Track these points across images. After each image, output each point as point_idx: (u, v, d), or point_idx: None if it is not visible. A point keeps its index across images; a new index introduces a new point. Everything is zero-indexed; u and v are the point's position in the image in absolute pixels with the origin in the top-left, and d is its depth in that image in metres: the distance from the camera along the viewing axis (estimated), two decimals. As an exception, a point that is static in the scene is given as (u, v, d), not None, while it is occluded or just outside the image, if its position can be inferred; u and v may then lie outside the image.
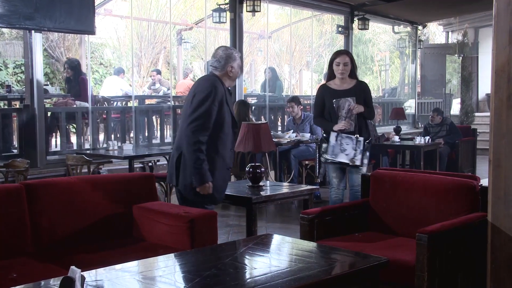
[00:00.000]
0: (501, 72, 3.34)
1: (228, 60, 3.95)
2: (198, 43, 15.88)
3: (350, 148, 5.07)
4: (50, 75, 13.13)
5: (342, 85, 5.17)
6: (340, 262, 2.55)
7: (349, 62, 5.13)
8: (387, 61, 18.82)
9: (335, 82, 5.20)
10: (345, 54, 5.19)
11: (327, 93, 5.19)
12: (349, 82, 5.18)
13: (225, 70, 3.94)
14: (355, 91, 5.15)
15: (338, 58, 5.12)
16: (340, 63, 5.10)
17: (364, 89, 5.25)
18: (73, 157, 6.18)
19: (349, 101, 5.10)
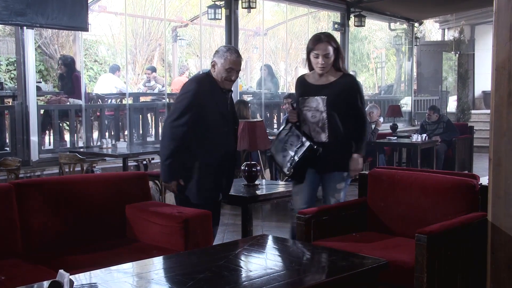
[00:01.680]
0: (501, 69, 3.28)
1: (215, 55, 3.80)
2: (193, 40, 15.79)
3: (291, 150, 3.92)
4: (44, 72, 13.02)
5: (320, 78, 3.94)
6: (338, 264, 2.48)
7: (332, 51, 3.86)
8: (383, 59, 18.77)
9: (313, 75, 3.99)
10: (325, 43, 3.85)
11: (301, 87, 4.06)
12: (331, 75, 3.94)
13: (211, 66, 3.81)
14: (334, 87, 3.88)
15: (316, 48, 3.87)
16: (319, 55, 3.86)
17: (349, 86, 3.93)
18: (66, 155, 6.09)
19: (317, 101, 3.88)
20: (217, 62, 3.74)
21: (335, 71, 3.95)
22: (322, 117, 3.87)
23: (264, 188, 4.50)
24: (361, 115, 3.96)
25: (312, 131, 3.91)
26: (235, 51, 3.80)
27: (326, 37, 3.91)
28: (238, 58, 3.79)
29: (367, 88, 18.41)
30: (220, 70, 3.73)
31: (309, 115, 3.90)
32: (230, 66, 3.73)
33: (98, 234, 3.55)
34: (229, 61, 3.72)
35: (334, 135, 3.87)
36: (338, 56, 3.92)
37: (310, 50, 3.91)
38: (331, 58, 3.87)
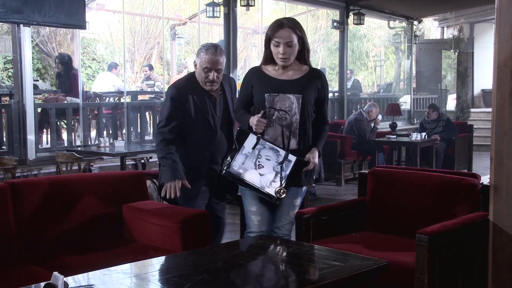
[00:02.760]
0: (503, 67, 3.24)
1: (196, 55, 3.59)
2: (192, 38, 15.75)
3: (269, 167, 3.21)
4: (41, 70, 12.98)
5: (284, 72, 3.33)
6: (337, 265, 2.43)
7: (296, 40, 3.25)
8: (382, 57, 18.73)
9: (274, 68, 3.36)
10: (288, 29, 3.23)
11: (259, 81, 3.35)
12: (296, 69, 3.35)
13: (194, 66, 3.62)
14: (306, 84, 3.32)
15: (277, 36, 3.24)
16: (280, 43, 3.24)
17: (321, 83, 3.38)
18: (63, 154, 6.05)
19: (291, 100, 3.27)
20: (196, 62, 3.55)
21: (300, 64, 3.37)
22: (295, 119, 3.27)
23: (262, 188, 4.45)
24: (326, 117, 3.50)
25: (279, 136, 3.27)
26: (214, 49, 3.49)
27: (290, 22, 3.29)
28: (215, 56, 3.47)
29: (366, 87, 18.39)
30: (199, 71, 3.53)
31: (279, 117, 3.26)
32: (206, 66, 3.47)
33: (94, 234, 3.51)
34: (204, 60, 3.47)
35: (305, 141, 3.33)
36: (304, 47, 3.33)
37: (270, 38, 3.28)
38: (294, 47, 3.25)
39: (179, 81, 3.68)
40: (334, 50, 15.44)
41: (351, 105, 11.62)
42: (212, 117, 3.59)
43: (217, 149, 3.64)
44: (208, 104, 3.58)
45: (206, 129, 3.57)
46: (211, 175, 3.63)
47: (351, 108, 11.54)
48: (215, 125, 3.60)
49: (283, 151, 3.21)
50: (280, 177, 3.18)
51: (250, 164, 3.22)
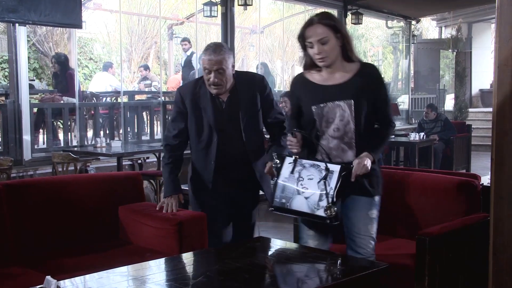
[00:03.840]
0: (504, 67, 3.19)
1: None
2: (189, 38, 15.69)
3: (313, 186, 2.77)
4: (38, 70, 12.92)
5: (331, 76, 2.90)
6: (337, 268, 2.39)
7: (330, 34, 2.81)
8: (380, 57, 18.69)
9: (320, 72, 2.93)
10: (318, 24, 2.82)
11: (305, 91, 2.96)
12: (344, 69, 2.89)
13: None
14: (356, 85, 2.86)
15: (308, 35, 2.84)
16: (313, 43, 2.84)
17: (373, 80, 2.90)
18: (59, 154, 5.99)
19: (342, 108, 2.84)
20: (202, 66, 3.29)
21: (346, 62, 2.90)
22: (350, 128, 2.85)
23: (260, 188, 4.40)
24: (389, 117, 2.98)
25: (334, 150, 2.87)
26: (212, 48, 3.20)
27: (321, 17, 2.86)
28: (212, 56, 3.16)
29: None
30: (203, 73, 3.26)
31: (330, 130, 2.87)
32: (204, 67, 3.21)
33: (90, 236, 3.46)
34: (203, 60, 3.22)
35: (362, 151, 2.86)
36: (344, 41, 2.86)
37: (303, 40, 2.87)
38: (331, 44, 2.81)
39: (186, 83, 3.57)
40: (332, 50, 15.34)
41: (349, 105, 11.55)
42: (215, 122, 3.27)
43: (228, 159, 3.31)
44: (212, 108, 3.27)
45: (209, 135, 3.29)
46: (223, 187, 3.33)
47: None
48: (219, 131, 3.28)
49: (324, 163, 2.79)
50: (326, 193, 2.72)
51: (292, 190, 2.80)
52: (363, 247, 2.84)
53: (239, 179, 3.37)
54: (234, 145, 3.31)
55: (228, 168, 3.33)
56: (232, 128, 3.30)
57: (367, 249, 2.84)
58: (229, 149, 3.31)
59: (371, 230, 2.87)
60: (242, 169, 3.34)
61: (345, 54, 2.88)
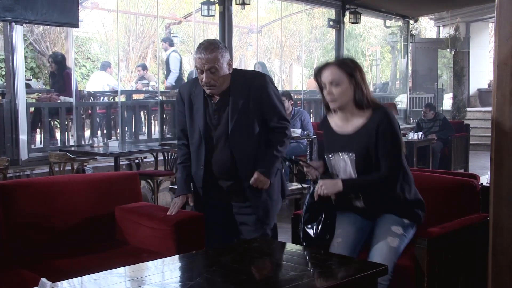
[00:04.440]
0: (503, 66, 3.17)
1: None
2: (187, 37, 15.67)
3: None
4: (35, 69, 12.87)
5: (345, 123, 2.96)
6: (335, 270, 2.37)
7: (342, 77, 2.86)
8: (378, 56, 18.69)
9: (338, 117, 3.01)
10: (332, 66, 2.89)
11: (326, 136, 3.09)
12: (354, 117, 2.93)
13: None
14: (361, 136, 2.89)
15: (322, 77, 2.91)
16: (326, 84, 2.89)
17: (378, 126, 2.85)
18: (56, 154, 5.96)
19: (345, 161, 2.92)
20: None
21: (357, 109, 2.91)
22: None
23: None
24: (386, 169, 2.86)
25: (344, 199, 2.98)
26: (205, 46, 3.00)
27: (338, 60, 2.99)
28: (202, 54, 2.98)
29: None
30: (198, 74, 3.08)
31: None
32: (196, 65, 3.04)
33: (86, 237, 3.43)
34: (195, 60, 3.04)
35: (371, 199, 2.96)
36: (357, 85, 2.87)
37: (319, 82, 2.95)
38: (342, 87, 2.84)
39: (187, 82, 3.50)
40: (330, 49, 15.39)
41: (347, 105, 11.53)
42: (205, 124, 3.12)
43: (217, 167, 3.16)
44: (202, 110, 3.13)
45: (199, 139, 3.16)
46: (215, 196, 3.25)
47: (347, 107, 11.45)
48: (207, 134, 3.13)
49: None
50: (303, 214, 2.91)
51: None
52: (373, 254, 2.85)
53: (230, 190, 3.19)
54: (222, 152, 3.13)
55: (218, 177, 3.17)
56: (221, 132, 3.12)
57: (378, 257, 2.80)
58: (218, 156, 3.14)
59: (390, 243, 2.86)
60: (232, 179, 3.16)
61: (357, 100, 2.89)
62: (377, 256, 2.81)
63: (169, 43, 10.65)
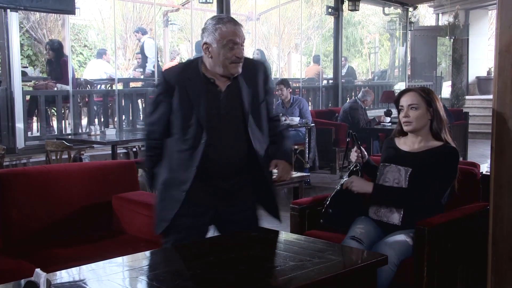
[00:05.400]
0: (505, 53, 3.13)
1: (203, 33, 2.66)
2: (185, 25, 15.57)
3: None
4: (32, 57, 12.79)
5: (412, 144, 3.16)
6: (335, 260, 2.34)
7: (421, 105, 3.08)
8: (377, 44, 18.60)
9: (405, 139, 3.20)
10: (413, 92, 3.13)
11: (386, 150, 3.28)
12: (426, 143, 3.13)
13: (202, 49, 2.68)
14: (423, 157, 3.06)
15: (402, 99, 3.14)
16: (403, 107, 3.12)
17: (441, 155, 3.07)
18: (52, 142, 5.92)
19: (400, 173, 3.09)
20: (211, 43, 2.61)
21: (432, 137, 3.13)
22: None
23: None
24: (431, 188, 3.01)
25: (384, 208, 3.10)
26: (230, 19, 2.66)
27: (419, 88, 3.23)
28: (237, 26, 2.63)
29: (361, 74, 18.28)
30: (219, 52, 2.60)
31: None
32: (231, 38, 2.59)
33: (83, 226, 3.40)
34: (226, 32, 2.58)
35: (410, 218, 3.01)
36: (435, 117, 3.10)
37: (398, 106, 3.19)
38: (420, 111, 3.07)
39: (172, 66, 2.84)
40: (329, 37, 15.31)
41: (345, 93, 11.52)
42: (208, 117, 2.64)
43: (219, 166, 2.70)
44: (205, 98, 2.66)
45: (196, 134, 2.65)
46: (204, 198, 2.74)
47: (345, 95, 11.44)
48: (210, 129, 2.65)
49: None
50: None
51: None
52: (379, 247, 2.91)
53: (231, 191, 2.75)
54: (235, 145, 2.71)
55: (215, 178, 2.71)
56: (234, 123, 2.71)
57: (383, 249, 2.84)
58: (227, 150, 2.70)
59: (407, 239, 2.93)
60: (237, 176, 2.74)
61: (433, 129, 3.11)
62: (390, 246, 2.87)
63: (142, 32, 10.60)
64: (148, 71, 9.86)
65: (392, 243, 2.90)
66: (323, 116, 9.19)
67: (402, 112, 3.12)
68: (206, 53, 2.64)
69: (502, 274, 3.22)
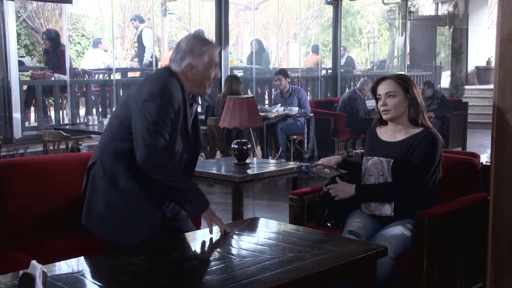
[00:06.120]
0: (507, 42, 3.10)
1: (187, 54, 2.65)
2: (183, 14, 15.49)
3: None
4: (29, 46, 12.72)
5: (393, 134, 3.16)
6: (334, 251, 2.32)
7: (398, 92, 3.06)
8: (376, 33, 18.53)
9: (386, 129, 3.20)
10: (390, 80, 3.11)
11: (368, 143, 3.30)
12: (406, 130, 3.13)
13: (181, 68, 2.65)
14: (403, 146, 3.09)
15: (378, 88, 3.13)
16: (381, 95, 3.11)
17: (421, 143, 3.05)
18: (50, 133, 5.89)
19: (382, 164, 3.10)
20: (196, 64, 2.63)
21: (411, 124, 3.11)
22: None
23: (255, 167, 4.33)
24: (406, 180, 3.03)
25: (373, 202, 3.13)
26: (213, 41, 2.81)
27: (395, 75, 3.20)
28: (219, 47, 2.80)
29: (360, 64, 18.23)
30: (204, 73, 2.66)
31: (372, 181, 3.12)
32: (217, 61, 2.73)
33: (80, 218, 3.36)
34: (214, 55, 2.69)
35: (401, 207, 3.06)
36: (413, 103, 3.08)
37: (375, 94, 3.16)
38: (398, 99, 3.05)
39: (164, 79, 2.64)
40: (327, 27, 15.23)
41: (344, 83, 11.49)
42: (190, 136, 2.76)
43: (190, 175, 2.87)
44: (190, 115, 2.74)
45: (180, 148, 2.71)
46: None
47: (344, 85, 11.41)
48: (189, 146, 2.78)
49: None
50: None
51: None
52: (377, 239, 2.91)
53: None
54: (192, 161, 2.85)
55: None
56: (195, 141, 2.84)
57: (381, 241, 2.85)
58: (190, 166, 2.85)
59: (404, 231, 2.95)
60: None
61: (411, 116, 3.09)
62: (386, 239, 2.84)
63: (139, 20, 10.47)
64: (146, 61, 9.80)
65: (388, 236, 2.89)
66: (322, 106, 9.16)
67: (380, 101, 3.10)
68: (187, 73, 2.65)
69: (502, 266, 3.21)
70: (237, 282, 1.99)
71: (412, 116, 3.08)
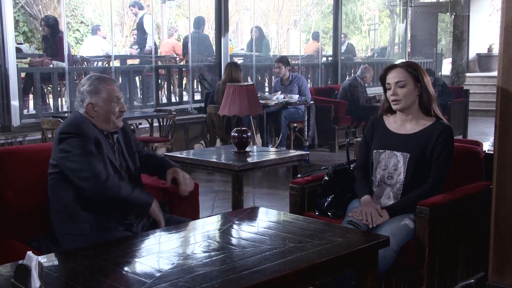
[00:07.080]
0: (510, 28, 3.05)
1: (85, 95, 2.84)
2: (183, 1, 15.37)
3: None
4: (28, 33, 12.62)
5: (403, 124, 3.05)
6: (335, 241, 2.28)
7: (409, 81, 2.96)
8: (376, 20, 18.39)
9: (395, 118, 3.09)
10: (400, 68, 3.00)
11: (376, 134, 3.13)
12: (416, 121, 3.03)
13: (84, 109, 2.84)
14: (419, 139, 2.99)
15: (388, 77, 3.01)
16: (391, 85, 3.00)
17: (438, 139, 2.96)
18: (48, 120, 5.84)
19: (397, 159, 3.00)
20: (96, 102, 2.81)
21: (422, 114, 3.02)
22: (400, 179, 2.98)
23: (255, 155, 4.29)
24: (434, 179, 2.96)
25: (383, 195, 3.04)
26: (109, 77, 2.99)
27: (405, 63, 3.07)
28: (117, 82, 2.99)
29: (360, 51, 18.11)
30: (106, 109, 2.83)
31: (385, 175, 3.02)
32: (117, 95, 2.88)
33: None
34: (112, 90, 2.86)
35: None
36: (424, 92, 2.97)
37: (384, 82, 3.04)
38: (408, 89, 2.95)
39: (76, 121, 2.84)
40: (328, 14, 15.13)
41: (345, 70, 11.42)
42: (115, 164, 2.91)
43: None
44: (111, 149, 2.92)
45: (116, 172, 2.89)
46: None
47: (344, 72, 11.35)
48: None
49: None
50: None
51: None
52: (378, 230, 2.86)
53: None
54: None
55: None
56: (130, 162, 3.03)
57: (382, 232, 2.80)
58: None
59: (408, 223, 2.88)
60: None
61: (422, 105, 3.00)
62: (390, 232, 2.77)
63: (139, 6, 10.35)
64: (148, 48, 9.72)
65: (392, 229, 2.83)
66: (322, 93, 9.11)
67: (389, 90, 2.99)
68: (91, 112, 2.84)
69: (504, 255, 3.18)
70: (237, 273, 1.95)
71: (424, 106, 2.99)
